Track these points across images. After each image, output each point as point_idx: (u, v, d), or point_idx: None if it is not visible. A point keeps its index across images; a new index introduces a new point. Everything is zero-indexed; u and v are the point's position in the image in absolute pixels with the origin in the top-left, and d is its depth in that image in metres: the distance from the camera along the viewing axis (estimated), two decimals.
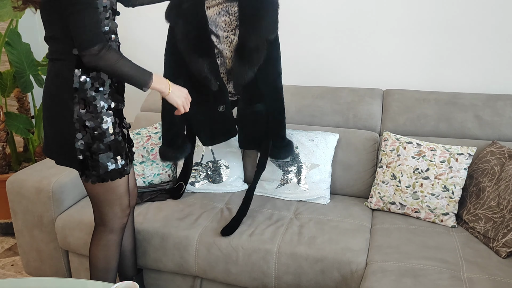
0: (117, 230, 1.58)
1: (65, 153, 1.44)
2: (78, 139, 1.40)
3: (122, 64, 1.34)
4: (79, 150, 1.41)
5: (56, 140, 1.44)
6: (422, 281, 1.46)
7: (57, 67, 1.40)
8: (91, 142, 1.41)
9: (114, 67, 1.33)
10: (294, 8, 2.37)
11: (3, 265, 2.37)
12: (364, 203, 2.04)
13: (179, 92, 1.49)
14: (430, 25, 2.19)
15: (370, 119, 2.15)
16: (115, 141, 1.46)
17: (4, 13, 2.32)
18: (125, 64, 1.35)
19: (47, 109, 1.44)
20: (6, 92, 2.62)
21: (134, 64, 1.38)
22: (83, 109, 1.39)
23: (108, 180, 1.47)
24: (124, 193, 1.55)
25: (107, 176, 1.46)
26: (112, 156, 1.45)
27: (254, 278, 1.73)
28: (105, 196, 1.52)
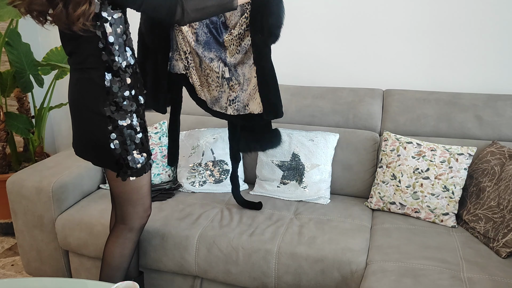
0: (136, 229, 1.61)
1: (101, 155, 1.49)
2: (113, 139, 1.45)
3: (205, 4, 1.40)
4: (115, 150, 1.47)
5: (91, 142, 1.49)
6: (422, 281, 1.46)
7: (88, 74, 1.44)
8: (124, 140, 1.47)
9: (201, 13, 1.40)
10: (294, 8, 2.37)
11: (3, 265, 2.37)
12: (364, 203, 2.04)
13: None
14: (430, 25, 2.19)
15: (370, 119, 2.15)
16: (144, 137, 1.53)
17: (4, 13, 2.32)
18: (208, 2, 1.41)
19: (80, 114, 1.49)
20: (6, 92, 2.62)
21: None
22: (115, 110, 1.44)
23: (142, 174, 1.52)
24: (147, 194, 1.59)
25: (141, 170, 1.52)
26: (143, 152, 1.52)
27: (254, 278, 1.73)
28: (130, 195, 1.55)
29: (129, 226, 1.60)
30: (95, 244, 1.90)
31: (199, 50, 1.73)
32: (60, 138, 3.16)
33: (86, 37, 1.37)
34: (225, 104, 1.78)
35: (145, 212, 1.61)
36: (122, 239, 1.61)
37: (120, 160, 1.48)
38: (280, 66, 2.46)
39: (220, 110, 1.81)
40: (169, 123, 1.93)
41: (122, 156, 1.47)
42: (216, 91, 1.78)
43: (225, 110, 1.78)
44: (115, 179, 1.51)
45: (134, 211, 1.58)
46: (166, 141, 2.26)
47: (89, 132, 1.48)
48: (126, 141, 1.47)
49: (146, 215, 1.62)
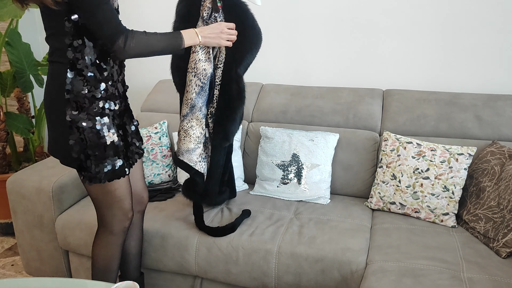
0: (117, 232, 1.57)
1: (63, 153, 1.44)
2: (72, 140, 1.40)
3: (152, 42, 1.34)
4: (74, 151, 1.41)
5: (55, 140, 1.45)
6: (422, 281, 1.46)
7: (52, 69, 1.40)
8: (85, 143, 1.40)
9: (146, 50, 1.34)
10: (294, 8, 2.37)
11: (3, 265, 2.37)
12: (364, 203, 2.04)
13: (210, 32, 1.44)
14: (430, 25, 2.19)
15: (370, 119, 2.15)
16: (111, 142, 1.44)
17: (4, 13, 2.32)
18: (155, 40, 1.35)
19: (46, 110, 1.45)
20: (6, 92, 2.62)
21: (162, 35, 1.37)
22: (75, 110, 1.38)
23: (104, 181, 1.45)
24: (125, 196, 1.52)
25: (104, 177, 1.44)
26: (107, 157, 1.43)
27: (254, 278, 1.73)
28: (103, 197, 1.51)
29: (109, 229, 1.56)
30: None
31: (199, 102, 1.71)
32: None
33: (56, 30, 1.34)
34: (196, 159, 1.76)
35: (124, 215, 1.54)
36: (105, 242, 1.58)
37: (82, 163, 1.42)
38: (280, 66, 2.47)
39: (188, 162, 1.76)
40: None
41: (81, 159, 1.42)
42: (194, 143, 1.74)
43: (194, 164, 1.76)
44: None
45: (111, 214, 1.53)
46: (166, 141, 2.26)
47: (52, 128, 1.44)
48: (87, 144, 1.40)
49: (126, 218, 1.55)
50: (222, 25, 1.46)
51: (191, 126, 1.72)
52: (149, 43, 1.34)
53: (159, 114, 2.42)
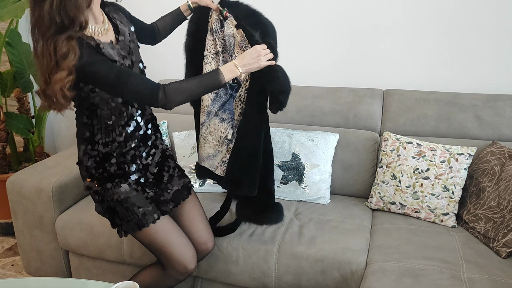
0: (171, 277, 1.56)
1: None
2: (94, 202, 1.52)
3: (190, 87, 1.37)
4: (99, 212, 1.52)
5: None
6: (422, 281, 1.46)
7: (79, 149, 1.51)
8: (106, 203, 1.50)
9: (186, 95, 1.36)
10: (294, 8, 2.37)
11: (3, 265, 2.37)
12: (364, 203, 2.04)
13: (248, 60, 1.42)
14: (430, 25, 2.19)
15: (370, 119, 2.15)
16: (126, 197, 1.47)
17: (5, 13, 2.32)
18: (193, 85, 1.37)
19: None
20: (6, 92, 2.62)
21: (200, 77, 1.39)
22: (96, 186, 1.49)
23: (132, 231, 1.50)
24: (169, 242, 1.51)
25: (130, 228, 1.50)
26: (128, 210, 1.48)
27: (254, 278, 1.73)
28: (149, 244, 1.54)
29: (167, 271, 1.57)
30: (95, 244, 1.90)
31: (214, 108, 1.71)
32: (60, 138, 3.17)
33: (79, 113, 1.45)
34: (217, 164, 1.73)
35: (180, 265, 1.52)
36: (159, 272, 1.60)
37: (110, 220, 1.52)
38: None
39: (209, 167, 1.75)
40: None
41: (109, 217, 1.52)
42: (213, 149, 1.73)
43: (214, 169, 1.73)
44: None
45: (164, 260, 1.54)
46: (167, 141, 2.26)
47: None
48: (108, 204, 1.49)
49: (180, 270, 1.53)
50: (257, 49, 1.44)
51: (209, 132, 1.72)
52: (189, 89, 1.36)
53: (159, 114, 2.42)
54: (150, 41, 1.68)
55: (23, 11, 2.32)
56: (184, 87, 1.35)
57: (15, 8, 2.34)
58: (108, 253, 1.89)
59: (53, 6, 1.22)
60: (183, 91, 1.35)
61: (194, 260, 1.56)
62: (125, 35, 1.45)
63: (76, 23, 1.26)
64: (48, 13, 1.23)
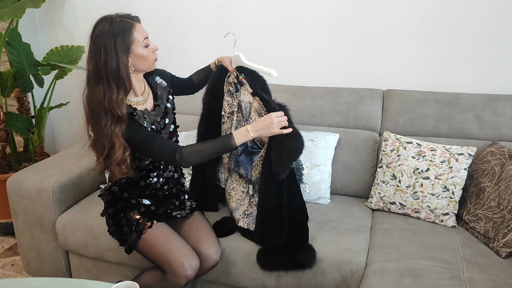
0: (172, 280, 1.58)
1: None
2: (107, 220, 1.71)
3: (204, 150, 1.54)
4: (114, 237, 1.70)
5: None
6: (422, 281, 1.46)
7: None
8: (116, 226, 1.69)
9: (200, 157, 1.54)
10: (294, 8, 2.37)
11: (3, 265, 2.37)
12: (364, 203, 2.04)
13: (261, 126, 1.54)
14: (431, 25, 2.19)
15: (370, 119, 2.15)
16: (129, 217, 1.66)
17: (5, 13, 2.32)
18: (207, 148, 1.54)
19: None
20: (6, 92, 2.61)
21: (213, 141, 1.55)
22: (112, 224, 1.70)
23: (131, 248, 1.65)
24: (169, 247, 1.57)
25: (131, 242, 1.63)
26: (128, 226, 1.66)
27: (254, 279, 1.73)
28: (150, 252, 1.60)
29: (167, 276, 1.59)
30: (96, 244, 1.90)
31: (231, 164, 1.85)
32: (60, 138, 3.16)
33: None
34: (239, 217, 1.81)
35: (180, 269, 1.54)
36: (156, 280, 1.63)
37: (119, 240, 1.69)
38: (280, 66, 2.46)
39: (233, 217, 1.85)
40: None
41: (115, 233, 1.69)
42: (236, 203, 1.85)
43: (237, 222, 1.81)
44: None
45: (166, 266, 1.57)
46: None
47: None
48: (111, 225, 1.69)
49: (181, 274, 1.54)
50: (272, 117, 1.53)
51: (232, 188, 1.87)
52: (203, 151, 1.54)
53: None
54: (188, 93, 1.89)
55: (23, 11, 2.32)
56: (199, 151, 1.53)
57: (15, 8, 2.34)
58: (108, 254, 1.89)
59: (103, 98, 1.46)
60: (198, 154, 1.53)
61: (195, 264, 1.57)
62: (163, 101, 1.65)
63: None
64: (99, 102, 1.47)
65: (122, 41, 1.44)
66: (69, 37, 2.86)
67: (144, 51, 1.49)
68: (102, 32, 1.44)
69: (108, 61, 1.43)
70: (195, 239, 1.67)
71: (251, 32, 2.47)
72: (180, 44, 2.64)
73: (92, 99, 1.47)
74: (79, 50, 2.70)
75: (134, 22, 1.48)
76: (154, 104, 1.63)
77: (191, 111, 2.35)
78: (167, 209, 1.74)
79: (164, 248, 1.57)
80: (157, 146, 1.52)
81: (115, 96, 1.44)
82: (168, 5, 2.58)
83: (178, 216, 1.73)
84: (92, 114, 1.49)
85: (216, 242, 1.69)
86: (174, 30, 2.62)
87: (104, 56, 1.43)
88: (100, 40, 1.44)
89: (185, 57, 2.64)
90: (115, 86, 1.45)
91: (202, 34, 2.58)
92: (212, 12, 2.52)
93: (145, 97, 1.61)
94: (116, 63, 1.43)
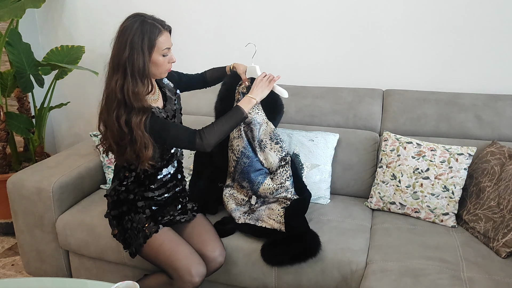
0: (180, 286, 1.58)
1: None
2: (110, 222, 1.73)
3: (220, 127, 1.58)
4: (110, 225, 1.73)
5: None
6: (422, 281, 1.46)
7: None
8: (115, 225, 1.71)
9: (219, 135, 1.57)
10: (294, 8, 2.37)
11: (3, 265, 2.37)
12: (364, 203, 2.04)
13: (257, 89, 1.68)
14: (431, 25, 2.19)
15: (370, 119, 2.15)
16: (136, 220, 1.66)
17: (5, 13, 2.32)
18: (221, 124, 1.58)
19: None
20: (6, 92, 2.62)
21: (225, 117, 1.60)
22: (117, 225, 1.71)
23: (137, 252, 1.64)
24: (175, 251, 1.57)
25: (136, 246, 1.63)
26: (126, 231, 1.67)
27: (255, 278, 1.73)
28: (156, 257, 1.60)
29: (173, 282, 1.58)
30: (96, 245, 1.90)
31: (236, 175, 1.92)
32: (60, 138, 3.17)
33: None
34: (239, 215, 1.85)
35: (187, 275, 1.54)
36: (162, 284, 1.63)
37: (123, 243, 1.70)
38: (280, 66, 2.47)
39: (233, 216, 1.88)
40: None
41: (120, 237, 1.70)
42: (235, 205, 1.91)
43: (237, 220, 1.83)
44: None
45: (172, 271, 1.57)
46: None
47: None
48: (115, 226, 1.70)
49: (187, 280, 1.54)
50: (260, 79, 1.70)
51: (232, 193, 1.94)
52: (219, 129, 1.57)
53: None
54: (200, 87, 1.94)
55: (24, 11, 2.32)
56: (215, 130, 1.57)
57: (15, 8, 2.34)
58: (108, 254, 1.89)
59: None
60: (216, 132, 1.57)
61: (202, 271, 1.57)
62: (171, 101, 1.69)
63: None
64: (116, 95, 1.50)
65: (148, 41, 1.48)
66: (69, 37, 2.86)
67: (160, 59, 1.53)
68: (131, 26, 1.47)
69: (135, 57, 1.46)
70: (199, 242, 1.67)
71: (251, 32, 2.47)
72: (180, 44, 2.64)
73: (108, 86, 1.51)
74: (79, 50, 2.70)
75: (163, 30, 1.52)
76: (164, 103, 1.67)
77: (191, 111, 2.35)
78: (170, 214, 1.74)
79: (170, 254, 1.57)
80: (176, 132, 1.55)
81: (138, 90, 1.49)
82: (168, 5, 2.59)
83: (182, 221, 1.73)
84: (106, 100, 1.53)
85: (220, 244, 1.70)
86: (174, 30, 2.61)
87: (130, 51, 1.46)
88: (128, 33, 1.47)
89: (185, 57, 2.64)
90: (140, 81, 1.49)
91: (202, 34, 2.58)
92: (212, 12, 2.52)
93: (156, 97, 1.65)
94: (143, 61, 1.48)
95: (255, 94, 1.66)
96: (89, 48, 2.75)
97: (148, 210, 1.68)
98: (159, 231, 1.61)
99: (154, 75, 1.57)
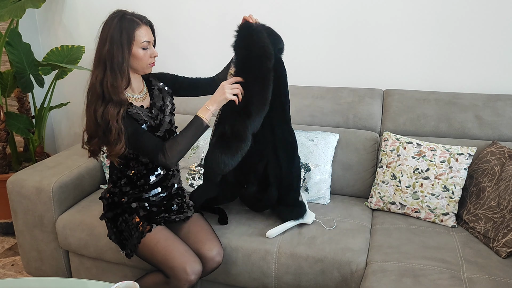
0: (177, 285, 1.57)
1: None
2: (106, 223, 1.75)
3: (182, 141, 1.56)
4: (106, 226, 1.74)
5: None
6: (422, 281, 1.46)
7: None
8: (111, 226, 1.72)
9: (183, 149, 1.56)
10: (294, 8, 2.37)
11: (3, 265, 2.37)
12: (364, 203, 2.04)
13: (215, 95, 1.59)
14: (430, 25, 2.19)
15: (370, 119, 2.15)
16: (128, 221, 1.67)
17: (5, 13, 2.32)
18: (182, 137, 1.56)
19: None
20: (6, 92, 2.62)
21: (185, 129, 1.58)
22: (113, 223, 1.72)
23: (132, 252, 1.65)
24: (170, 250, 1.57)
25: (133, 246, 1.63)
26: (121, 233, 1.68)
27: (254, 279, 1.73)
28: (152, 256, 1.60)
29: (170, 281, 1.58)
30: (96, 245, 1.90)
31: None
32: (60, 138, 3.17)
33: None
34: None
35: (183, 274, 1.54)
36: (159, 283, 1.63)
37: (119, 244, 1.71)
38: None
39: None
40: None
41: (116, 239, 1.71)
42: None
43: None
44: None
45: (168, 270, 1.57)
46: None
47: None
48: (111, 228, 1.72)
49: (183, 279, 1.54)
50: (223, 85, 1.59)
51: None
52: (181, 143, 1.56)
53: None
54: (210, 92, 1.78)
55: (24, 11, 2.32)
56: (177, 145, 1.55)
57: (15, 8, 2.34)
58: (108, 254, 1.89)
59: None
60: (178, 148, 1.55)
61: (198, 269, 1.57)
62: (158, 100, 1.70)
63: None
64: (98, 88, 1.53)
65: (127, 35, 1.50)
66: (69, 37, 2.86)
67: (141, 52, 1.54)
68: (111, 22, 1.51)
69: (114, 52, 1.49)
70: (196, 241, 1.66)
71: None
72: (180, 44, 2.64)
73: (90, 80, 1.55)
74: (79, 50, 2.70)
75: (141, 23, 1.54)
76: (151, 103, 1.68)
77: (191, 111, 2.35)
78: (165, 214, 1.73)
79: (165, 252, 1.57)
80: (144, 142, 1.56)
81: (117, 84, 1.50)
82: (168, 5, 2.59)
83: (177, 220, 1.73)
84: (87, 95, 1.56)
85: (218, 243, 1.69)
86: (174, 30, 2.62)
87: (109, 46, 1.49)
88: (108, 29, 1.51)
89: (185, 57, 2.64)
90: (120, 75, 1.51)
91: (202, 34, 2.58)
92: (212, 12, 2.52)
93: (143, 95, 1.67)
94: (122, 55, 1.50)
95: (211, 103, 1.59)
96: (89, 48, 2.75)
97: (142, 210, 1.68)
98: (153, 230, 1.61)
99: (137, 69, 1.59)
